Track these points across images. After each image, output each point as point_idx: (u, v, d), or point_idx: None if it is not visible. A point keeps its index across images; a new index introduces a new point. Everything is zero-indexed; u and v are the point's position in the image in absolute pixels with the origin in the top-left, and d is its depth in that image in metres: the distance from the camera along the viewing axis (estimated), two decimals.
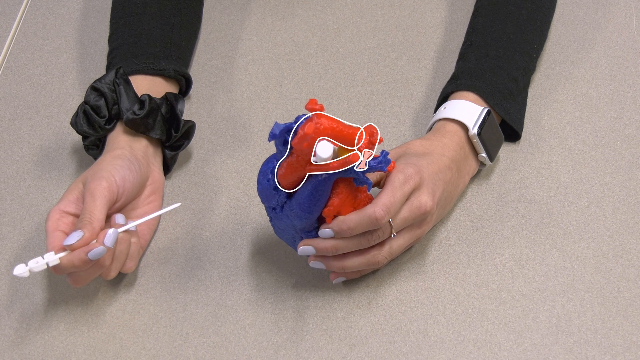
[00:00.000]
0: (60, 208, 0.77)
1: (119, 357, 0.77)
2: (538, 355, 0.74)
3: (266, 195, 0.72)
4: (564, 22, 1.00)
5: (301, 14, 1.06)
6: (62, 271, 0.74)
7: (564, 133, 0.89)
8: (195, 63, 1.01)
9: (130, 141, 0.84)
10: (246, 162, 0.91)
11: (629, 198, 0.83)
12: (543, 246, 0.80)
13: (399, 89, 0.95)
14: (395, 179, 0.72)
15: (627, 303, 0.76)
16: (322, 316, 0.78)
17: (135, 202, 0.83)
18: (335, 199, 0.70)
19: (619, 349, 0.73)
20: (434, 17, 1.03)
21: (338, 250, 0.73)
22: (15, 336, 0.79)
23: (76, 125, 0.85)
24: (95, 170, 0.79)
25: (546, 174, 0.86)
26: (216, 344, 0.77)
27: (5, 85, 1.02)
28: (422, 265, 0.80)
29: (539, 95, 0.92)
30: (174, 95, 0.88)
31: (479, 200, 0.84)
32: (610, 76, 0.93)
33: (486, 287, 0.78)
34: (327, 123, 0.65)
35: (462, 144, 0.80)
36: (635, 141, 0.87)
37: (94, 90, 0.84)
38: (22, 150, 0.95)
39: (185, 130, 0.88)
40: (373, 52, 1.00)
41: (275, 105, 0.96)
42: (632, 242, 0.80)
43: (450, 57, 0.97)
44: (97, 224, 0.74)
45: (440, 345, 0.75)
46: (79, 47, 1.05)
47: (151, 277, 0.82)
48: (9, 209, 0.89)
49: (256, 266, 0.82)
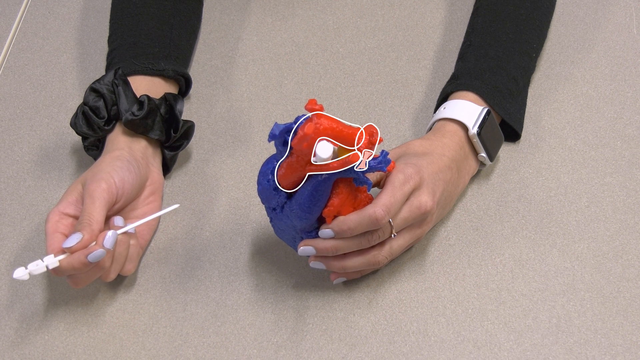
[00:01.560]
0: (59, 210, 0.77)
1: (119, 357, 0.77)
2: (538, 355, 0.74)
3: (266, 196, 0.72)
4: (564, 22, 0.99)
5: (301, 14, 1.06)
6: (62, 273, 0.74)
7: (564, 133, 0.89)
8: (195, 63, 1.01)
9: (129, 142, 0.84)
10: (246, 162, 0.91)
11: (629, 198, 0.83)
12: (543, 246, 0.80)
13: (399, 89, 0.95)
14: (395, 179, 0.72)
15: (627, 303, 0.76)
16: (322, 316, 0.78)
17: (134, 202, 0.82)
18: (335, 199, 0.70)
19: (619, 349, 0.73)
20: (434, 17, 1.03)
21: (338, 250, 0.73)
22: (15, 336, 0.79)
23: (75, 126, 0.85)
24: (95, 171, 0.79)
25: (546, 174, 0.86)
26: (216, 344, 0.77)
27: (5, 85, 1.02)
28: (422, 265, 0.80)
29: (539, 95, 0.92)
30: (173, 96, 0.88)
31: (479, 200, 0.84)
32: (610, 76, 0.93)
33: (486, 287, 0.78)
34: (327, 123, 0.65)
35: (462, 143, 0.80)
36: (635, 141, 0.87)
37: (93, 91, 0.84)
38: (22, 150, 0.95)
39: (185, 130, 0.88)
40: (373, 52, 1.00)
41: (275, 105, 0.96)
42: (632, 242, 0.80)
43: (450, 57, 0.97)
44: (96, 226, 0.74)
45: (440, 345, 0.75)
46: (79, 47, 1.05)
47: (151, 277, 0.82)
48: (9, 209, 0.89)
49: (256, 266, 0.82)
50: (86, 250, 0.72)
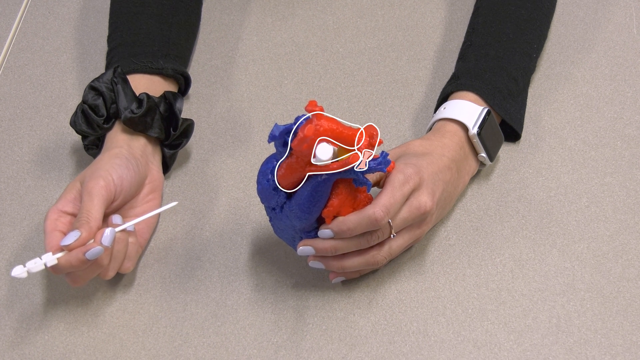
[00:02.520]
0: (58, 208, 0.77)
1: (119, 357, 0.77)
2: (538, 355, 0.74)
3: (266, 196, 0.72)
4: (564, 22, 0.99)
5: (301, 14, 1.06)
6: (60, 271, 0.74)
7: (564, 133, 0.89)
8: (195, 63, 1.01)
9: (128, 140, 0.84)
10: (246, 162, 0.91)
11: (629, 198, 0.83)
12: (543, 246, 0.80)
13: (399, 89, 0.95)
14: (395, 180, 0.72)
15: (627, 303, 0.76)
16: (322, 316, 0.78)
17: (133, 200, 0.82)
18: (334, 199, 0.70)
19: (619, 349, 0.73)
20: (434, 17, 1.03)
21: (337, 250, 0.73)
22: (15, 336, 0.79)
23: (75, 125, 0.85)
24: (93, 169, 0.79)
25: (546, 174, 0.86)
26: (216, 344, 0.77)
27: (5, 85, 1.02)
28: (422, 265, 0.80)
29: (539, 95, 0.92)
30: (173, 94, 0.88)
31: (479, 200, 0.84)
32: (610, 76, 0.93)
33: (486, 287, 0.78)
34: (327, 124, 0.65)
35: (462, 144, 0.80)
36: (635, 141, 0.87)
37: (92, 89, 0.84)
38: (22, 150, 0.95)
39: (184, 128, 0.88)
40: (373, 52, 1.00)
41: (275, 105, 0.96)
42: (632, 242, 0.80)
43: (450, 57, 0.97)
44: (95, 224, 0.74)
45: (440, 345, 0.75)
46: (79, 47, 1.05)
47: (151, 277, 0.82)
48: (9, 209, 0.89)
49: (256, 266, 0.82)
50: (84, 247, 0.72)
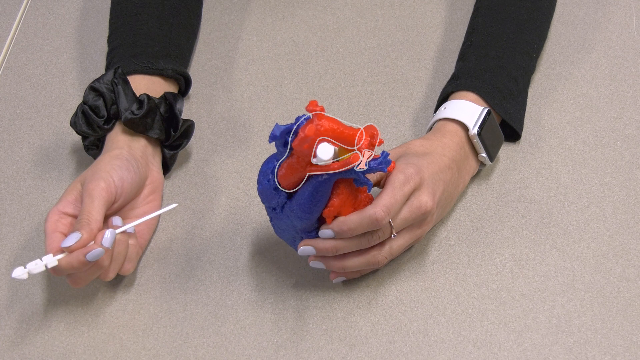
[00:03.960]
0: (58, 209, 0.77)
1: (119, 357, 0.77)
2: (538, 355, 0.74)
3: (266, 196, 0.72)
4: (564, 22, 0.99)
5: (301, 14, 1.06)
6: (60, 273, 0.74)
7: (564, 133, 0.89)
8: (195, 63, 1.01)
9: (129, 141, 0.84)
10: (246, 162, 0.91)
11: (629, 198, 0.83)
12: (543, 246, 0.80)
13: (399, 89, 0.95)
14: (396, 179, 0.72)
15: (627, 303, 0.76)
16: (322, 316, 0.78)
17: (134, 201, 0.82)
18: (335, 199, 0.70)
19: (619, 349, 0.73)
20: (434, 17, 1.03)
21: (338, 250, 0.73)
22: (15, 336, 0.79)
23: (75, 126, 0.85)
24: (94, 170, 0.79)
25: (546, 174, 0.86)
26: (216, 344, 0.77)
27: (5, 85, 1.02)
28: (422, 265, 0.80)
29: (539, 95, 0.92)
30: (173, 95, 0.88)
31: (479, 200, 0.84)
32: (610, 76, 0.93)
33: (486, 287, 0.78)
34: (328, 124, 0.65)
35: (462, 144, 0.80)
36: (635, 141, 0.87)
37: (93, 90, 0.84)
38: (22, 150, 0.95)
39: (184, 129, 0.88)
40: (373, 52, 1.00)
41: (275, 105, 0.96)
42: (632, 242, 0.80)
43: (450, 57, 0.97)
44: (95, 225, 0.74)
45: (440, 345, 0.75)
46: (79, 47, 1.05)
47: (151, 277, 0.82)
48: (9, 209, 0.89)
49: (256, 266, 0.82)
50: (85, 249, 0.72)
